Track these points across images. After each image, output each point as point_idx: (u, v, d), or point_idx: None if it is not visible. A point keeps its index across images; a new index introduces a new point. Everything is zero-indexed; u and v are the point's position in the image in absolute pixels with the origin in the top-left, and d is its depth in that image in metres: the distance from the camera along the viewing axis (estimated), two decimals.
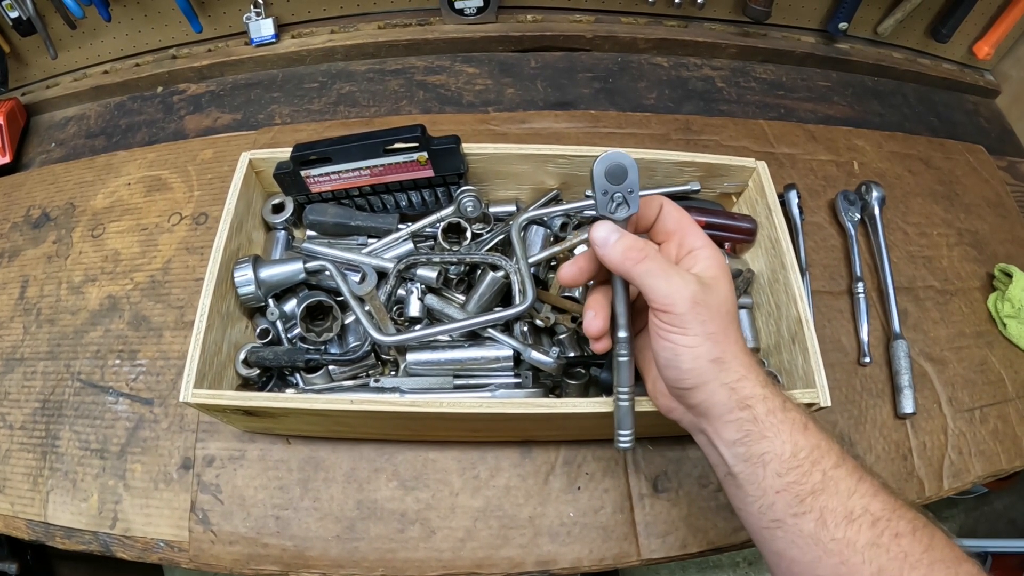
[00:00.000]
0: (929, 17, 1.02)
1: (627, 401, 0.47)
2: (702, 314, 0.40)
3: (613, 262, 0.43)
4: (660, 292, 0.41)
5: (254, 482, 0.64)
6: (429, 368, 0.61)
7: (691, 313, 0.40)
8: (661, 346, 0.42)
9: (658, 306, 0.41)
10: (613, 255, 0.43)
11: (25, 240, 0.81)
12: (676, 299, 0.40)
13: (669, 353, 0.41)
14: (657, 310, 0.41)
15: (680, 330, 0.40)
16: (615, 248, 0.42)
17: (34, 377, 0.71)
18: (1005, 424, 0.73)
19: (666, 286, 0.41)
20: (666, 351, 0.41)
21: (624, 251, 0.42)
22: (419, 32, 0.99)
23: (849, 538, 0.37)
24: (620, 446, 0.48)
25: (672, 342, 0.41)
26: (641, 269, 0.42)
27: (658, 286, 0.41)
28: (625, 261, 0.42)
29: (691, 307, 0.40)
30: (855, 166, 0.90)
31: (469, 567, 0.61)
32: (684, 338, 0.40)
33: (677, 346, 0.41)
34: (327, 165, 0.65)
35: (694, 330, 0.40)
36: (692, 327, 0.40)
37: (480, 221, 0.68)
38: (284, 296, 0.66)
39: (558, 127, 0.90)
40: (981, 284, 0.83)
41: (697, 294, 0.41)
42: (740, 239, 0.68)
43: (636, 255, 0.42)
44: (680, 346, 0.41)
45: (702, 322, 0.40)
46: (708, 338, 0.40)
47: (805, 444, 0.39)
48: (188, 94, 0.97)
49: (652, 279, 0.41)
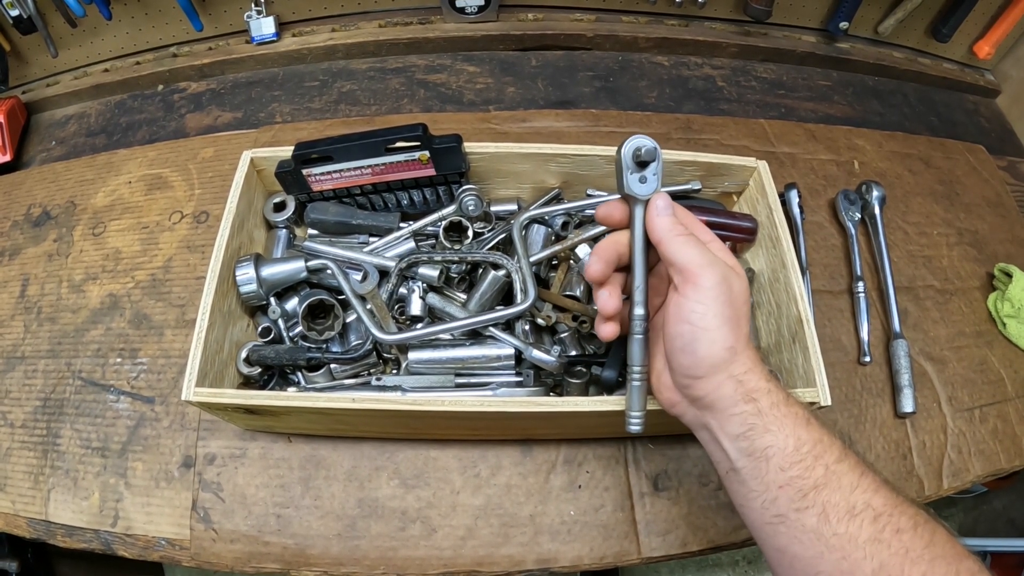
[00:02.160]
0: (930, 17, 1.02)
1: (640, 380, 0.47)
2: (724, 294, 0.42)
3: (660, 229, 0.44)
4: (695, 261, 0.42)
5: (255, 480, 0.64)
6: (430, 367, 0.61)
7: (716, 289, 0.41)
8: (680, 330, 0.42)
9: (688, 275, 0.42)
10: (663, 224, 0.44)
11: (26, 238, 0.81)
12: (707, 271, 0.42)
13: (688, 336, 0.42)
14: (685, 282, 0.42)
15: (703, 308, 0.41)
16: (668, 219, 0.44)
17: (35, 375, 0.71)
18: (1005, 423, 0.73)
19: (700, 257, 0.42)
20: (684, 335, 0.42)
21: (673, 223, 0.44)
22: (420, 31, 0.99)
23: (851, 533, 0.37)
24: (631, 428, 0.47)
25: (693, 323, 0.42)
26: (680, 241, 0.43)
27: (692, 255, 0.42)
28: (670, 231, 0.44)
29: (719, 282, 0.42)
30: (855, 165, 0.90)
31: (470, 565, 0.61)
32: (705, 318, 0.41)
33: (696, 328, 0.41)
34: (328, 164, 0.65)
35: (715, 310, 0.41)
36: (714, 306, 0.41)
37: (481, 220, 0.68)
38: (286, 295, 0.66)
39: (559, 126, 0.90)
40: (981, 284, 0.83)
41: (726, 272, 0.43)
42: (741, 238, 0.68)
43: (681, 229, 0.44)
44: (699, 328, 0.41)
45: (723, 303, 0.41)
46: (726, 322, 0.41)
47: (808, 438, 0.39)
48: (189, 92, 0.97)
49: (688, 248, 0.43)
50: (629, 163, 0.46)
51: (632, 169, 0.46)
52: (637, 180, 0.46)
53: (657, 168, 0.46)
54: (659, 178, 0.46)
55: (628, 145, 0.46)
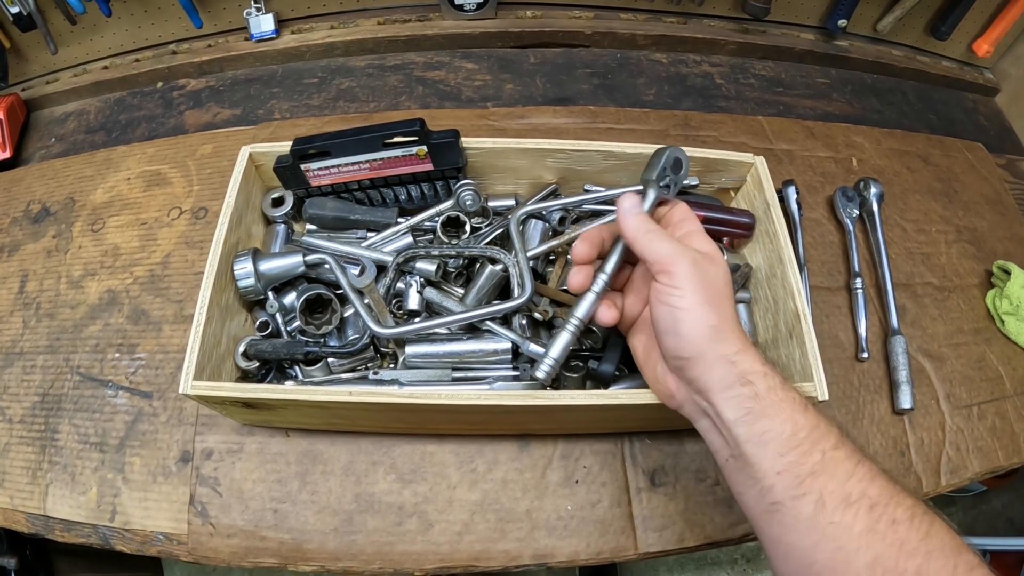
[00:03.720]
0: (928, 15, 1.02)
1: (572, 331, 0.50)
2: (698, 277, 0.43)
3: (629, 227, 0.47)
4: (663, 252, 0.44)
5: (252, 475, 0.64)
6: (428, 361, 0.61)
7: (689, 274, 0.43)
8: (661, 313, 0.44)
9: (660, 267, 0.44)
10: (631, 222, 0.47)
11: (25, 235, 0.81)
12: (677, 260, 0.44)
13: (669, 318, 0.43)
14: (659, 272, 0.44)
15: (679, 291, 0.43)
16: (636, 218, 0.47)
17: (33, 371, 0.71)
18: (1003, 421, 0.73)
19: (669, 248, 0.45)
20: (666, 317, 0.43)
21: (643, 221, 0.47)
22: (418, 28, 0.99)
23: (847, 523, 0.36)
24: (539, 374, 0.50)
25: (671, 305, 0.43)
26: (649, 236, 0.46)
27: (662, 248, 0.45)
28: (639, 229, 0.46)
29: (691, 267, 0.43)
30: (854, 163, 0.90)
31: (466, 560, 0.61)
32: (682, 299, 0.43)
33: (675, 309, 0.43)
34: (327, 159, 0.65)
35: (691, 291, 0.43)
36: (689, 287, 0.43)
37: (479, 215, 0.68)
38: (283, 289, 0.66)
39: (557, 122, 0.90)
40: (979, 281, 0.83)
41: (696, 259, 0.44)
42: (738, 233, 0.68)
43: (650, 226, 0.47)
44: (678, 309, 0.43)
45: (698, 285, 0.43)
46: (705, 301, 0.42)
47: (805, 424, 0.39)
48: (188, 89, 0.97)
49: (657, 243, 0.45)
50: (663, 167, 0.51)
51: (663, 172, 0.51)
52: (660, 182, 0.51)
53: (681, 182, 0.52)
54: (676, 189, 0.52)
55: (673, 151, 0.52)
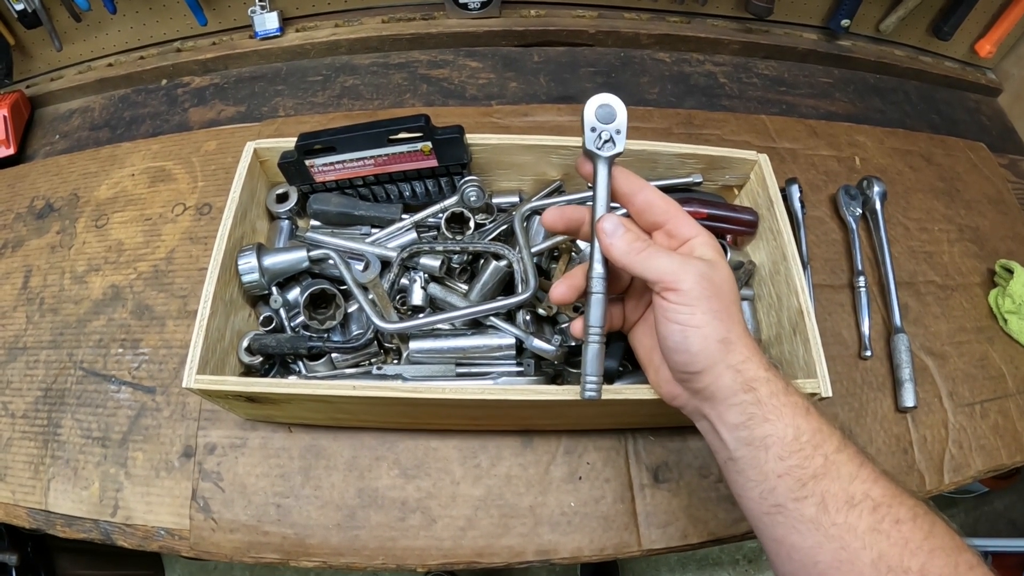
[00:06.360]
0: (931, 15, 1.03)
1: (598, 342, 0.46)
2: (708, 290, 0.41)
3: (618, 253, 0.43)
4: (667, 270, 0.41)
5: (255, 470, 0.64)
6: (431, 356, 0.61)
7: (698, 288, 0.41)
8: (669, 330, 0.42)
9: (665, 284, 0.41)
10: (619, 246, 0.43)
11: (29, 230, 0.81)
12: (682, 276, 0.41)
13: (678, 336, 0.41)
14: (664, 290, 0.42)
15: (688, 308, 0.41)
16: (622, 240, 0.43)
17: (37, 366, 0.71)
18: (1006, 419, 0.73)
19: (670, 264, 0.42)
20: (675, 334, 0.42)
21: (629, 242, 0.43)
22: (423, 26, 1.00)
23: (850, 523, 0.36)
24: (587, 394, 0.46)
25: (681, 323, 0.41)
26: (644, 256, 0.43)
27: (663, 265, 0.42)
28: (629, 252, 0.43)
29: (698, 282, 0.41)
30: (856, 162, 0.90)
31: (469, 556, 0.61)
32: (693, 317, 0.41)
33: (686, 327, 0.41)
34: (331, 154, 0.65)
35: (702, 307, 0.41)
36: (699, 304, 0.41)
37: (483, 211, 0.68)
38: (287, 284, 0.66)
39: (560, 120, 0.90)
40: (982, 280, 0.83)
41: (702, 270, 0.42)
42: (742, 231, 0.68)
43: (640, 245, 0.43)
44: (689, 327, 0.41)
45: (708, 298, 0.41)
46: (715, 316, 0.41)
47: (807, 428, 0.39)
48: (192, 87, 0.97)
49: (656, 260, 0.42)
50: (591, 120, 0.46)
51: (592, 126, 0.46)
52: (597, 138, 0.46)
53: (621, 128, 0.46)
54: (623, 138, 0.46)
55: (591, 103, 0.46)
